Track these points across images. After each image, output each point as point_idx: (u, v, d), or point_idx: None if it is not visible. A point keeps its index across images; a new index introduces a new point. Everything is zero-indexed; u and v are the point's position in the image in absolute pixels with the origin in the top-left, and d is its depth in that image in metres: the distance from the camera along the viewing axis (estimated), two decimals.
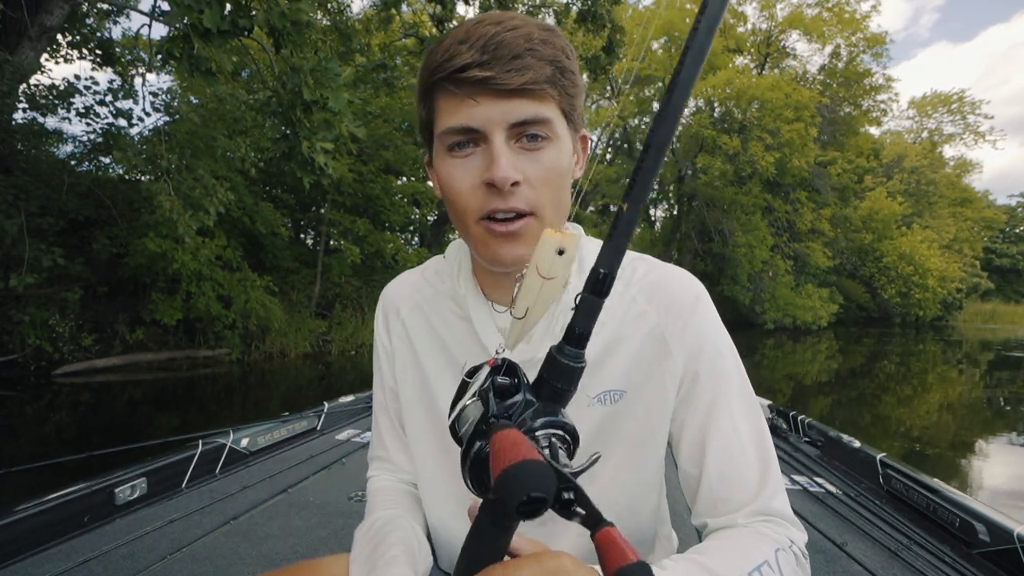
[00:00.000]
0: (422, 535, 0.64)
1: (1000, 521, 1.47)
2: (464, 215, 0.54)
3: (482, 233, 0.54)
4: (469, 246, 0.59)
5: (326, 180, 5.17)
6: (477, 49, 0.49)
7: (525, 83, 0.49)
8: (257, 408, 5.70)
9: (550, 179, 0.53)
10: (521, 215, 0.53)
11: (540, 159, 0.53)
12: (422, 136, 0.60)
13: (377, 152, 10.51)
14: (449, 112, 0.52)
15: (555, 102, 0.53)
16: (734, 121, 19.38)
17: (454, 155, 0.53)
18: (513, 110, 0.50)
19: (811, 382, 8.85)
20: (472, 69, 0.49)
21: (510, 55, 0.49)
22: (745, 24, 22.52)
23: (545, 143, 0.53)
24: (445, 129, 0.53)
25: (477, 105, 0.50)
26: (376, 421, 0.76)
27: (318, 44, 7.14)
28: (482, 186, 0.52)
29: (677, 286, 0.62)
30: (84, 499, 1.54)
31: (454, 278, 0.66)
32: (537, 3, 10.73)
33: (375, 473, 0.77)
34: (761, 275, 19.52)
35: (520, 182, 0.52)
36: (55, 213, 6.65)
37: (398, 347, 0.71)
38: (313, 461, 2.21)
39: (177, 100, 8.89)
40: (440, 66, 0.51)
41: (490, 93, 0.50)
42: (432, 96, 0.54)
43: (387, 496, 0.71)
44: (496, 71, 0.48)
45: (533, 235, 0.54)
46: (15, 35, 6.00)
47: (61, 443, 4.21)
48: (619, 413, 0.62)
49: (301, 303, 9.74)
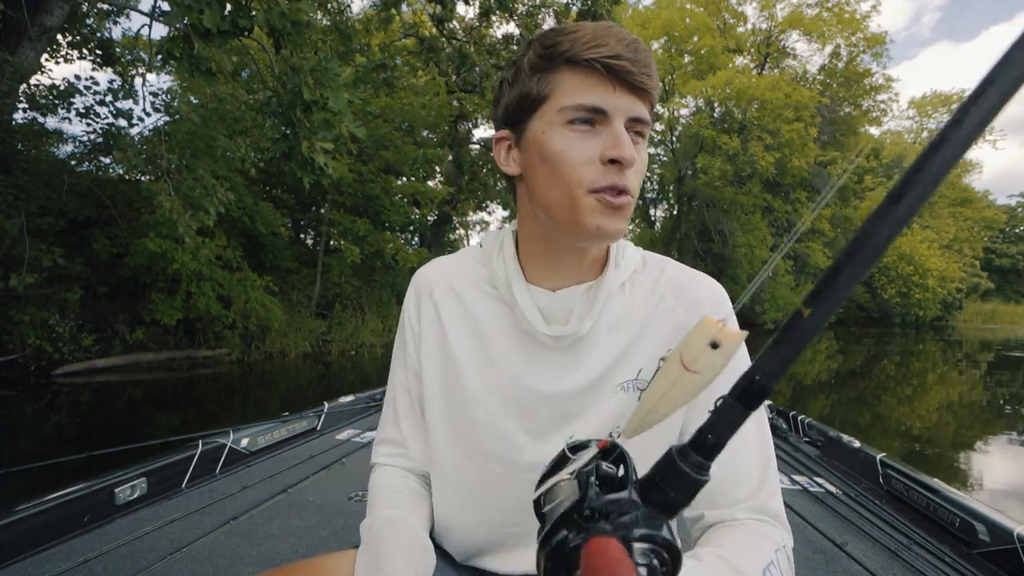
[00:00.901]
0: (426, 537, 0.64)
1: (1000, 521, 1.47)
2: (574, 185, 0.57)
3: (594, 204, 0.57)
4: (565, 218, 0.59)
5: (326, 180, 5.17)
6: (624, 45, 0.55)
7: (651, 87, 0.57)
8: (257, 408, 5.70)
9: (643, 170, 0.60)
10: (626, 193, 0.58)
11: (640, 151, 0.59)
12: (515, 110, 0.62)
13: (377, 152, 10.51)
14: (580, 90, 0.56)
15: (651, 113, 0.61)
16: (734, 121, 19.37)
17: (574, 128, 0.57)
18: (637, 106, 0.57)
19: (811, 382, 8.85)
20: (623, 60, 0.55)
21: (645, 61, 0.56)
22: (745, 24, 22.54)
23: (643, 140, 0.60)
24: (572, 104, 0.57)
25: (613, 92, 0.56)
26: (394, 402, 0.76)
27: (318, 44, 7.14)
28: (598, 161, 0.57)
29: (703, 286, 0.68)
30: (84, 499, 1.54)
31: (494, 260, 0.68)
32: (537, 3, 10.73)
33: (383, 461, 0.75)
34: None
35: (632, 165, 0.57)
36: (55, 213, 6.65)
37: (427, 329, 0.71)
38: (313, 461, 2.21)
39: (177, 100, 8.89)
40: (588, 48, 0.55)
41: (627, 86, 0.56)
42: (556, 72, 0.58)
43: (391, 493, 0.70)
44: (638, 69, 0.55)
45: (630, 212, 0.60)
46: (15, 35, 6.00)
47: (61, 443, 4.21)
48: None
49: (301, 303, 9.73)
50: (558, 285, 0.66)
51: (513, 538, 0.70)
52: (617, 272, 0.66)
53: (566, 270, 0.65)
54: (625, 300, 0.67)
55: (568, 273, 0.66)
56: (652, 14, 21.40)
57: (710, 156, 18.86)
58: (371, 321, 10.54)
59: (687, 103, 20.78)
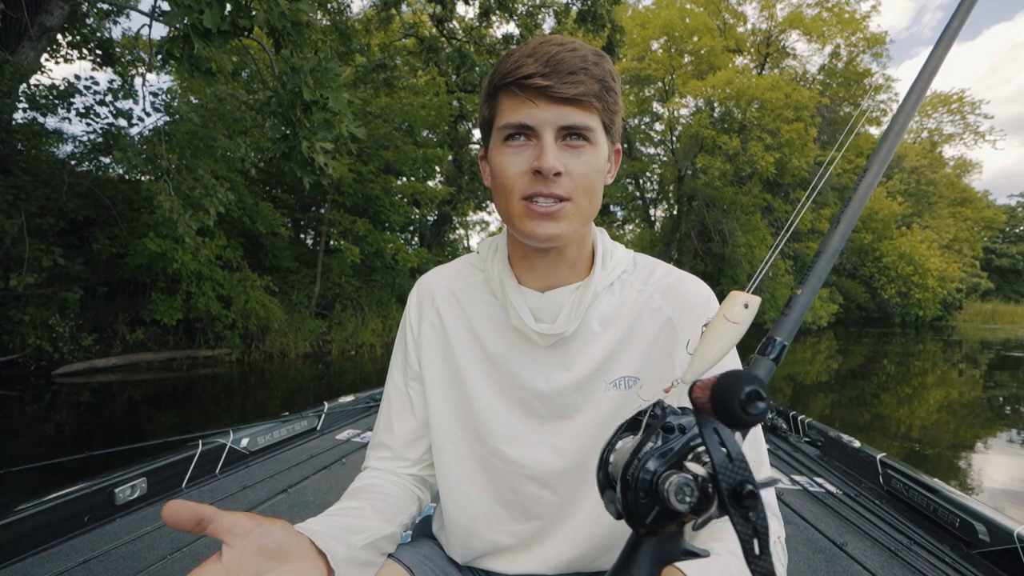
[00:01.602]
0: (372, 525, 0.62)
1: (1000, 521, 1.47)
2: (509, 194, 0.62)
3: (523, 210, 0.62)
4: (509, 224, 0.65)
5: (326, 180, 5.16)
6: (541, 62, 0.58)
7: (576, 95, 0.59)
8: (257, 408, 5.70)
9: (586, 175, 0.62)
10: (561, 199, 0.61)
11: (580, 157, 0.61)
12: (481, 131, 0.69)
13: (377, 152, 10.51)
14: (511, 111, 0.62)
15: (598, 114, 0.62)
16: (734, 121, 19.36)
17: (509, 145, 0.62)
18: (564, 115, 0.60)
19: (811, 382, 8.85)
20: (535, 78, 0.58)
21: (567, 71, 0.58)
22: (745, 24, 22.52)
23: (586, 145, 0.62)
24: (505, 124, 0.62)
25: (535, 107, 0.60)
26: (388, 405, 0.77)
27: (318, 44, 7.14)
28: (529, 172, 0.61)
29: (691, 287, 0.71)
30: (84, 499, 1.54)
31: (489, 265, 0.72)
32: (537, 3, 10.73)
33: (372, 464, 0.76)
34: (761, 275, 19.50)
35: (562, 173, 0.60)
36: (55, 213, 6.64)
37: (427, 333, 0.75)
38: (313, 461, 2.21)
39: (177, 100, 8.88)
40: (509, 73, 0.60)
41: (547, 99, 0.59)
42: (496, 97, 0.64)
43: (363, 491, 0.70)
44: (554, 81, 0.58)
45: (569, 217, 0.62)
46: (15, 35, 6.00)
47: (61, 443, 4.21)
48: (632, 398, 0.68)
49: (301, 303, 9.73)
50: (547, 287, 0.69)
51: (517, 538, 0.71)
52: (604, 273, 0.69)
53: (548, 272, 0.69)
54: (615, 300, 0.70)
55: (554, 275, 0.69)
56: (652, 14, 21.39)
57: (710, 156, 18.86)
58: (371, 321, 10.54)
59: (687, 103, 20.76)
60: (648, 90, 22.18)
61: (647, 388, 0.68)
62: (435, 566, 0.72)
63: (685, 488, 0.35)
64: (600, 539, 0.69)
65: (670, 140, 22.18)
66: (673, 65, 20.48)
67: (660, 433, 0.39)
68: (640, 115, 22.97)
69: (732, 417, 0.33)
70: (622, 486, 0.38)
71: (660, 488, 0.36)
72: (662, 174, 23.00)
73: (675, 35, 20.58)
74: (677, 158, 20.99)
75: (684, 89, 19.69)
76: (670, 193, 23.21)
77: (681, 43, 20.62)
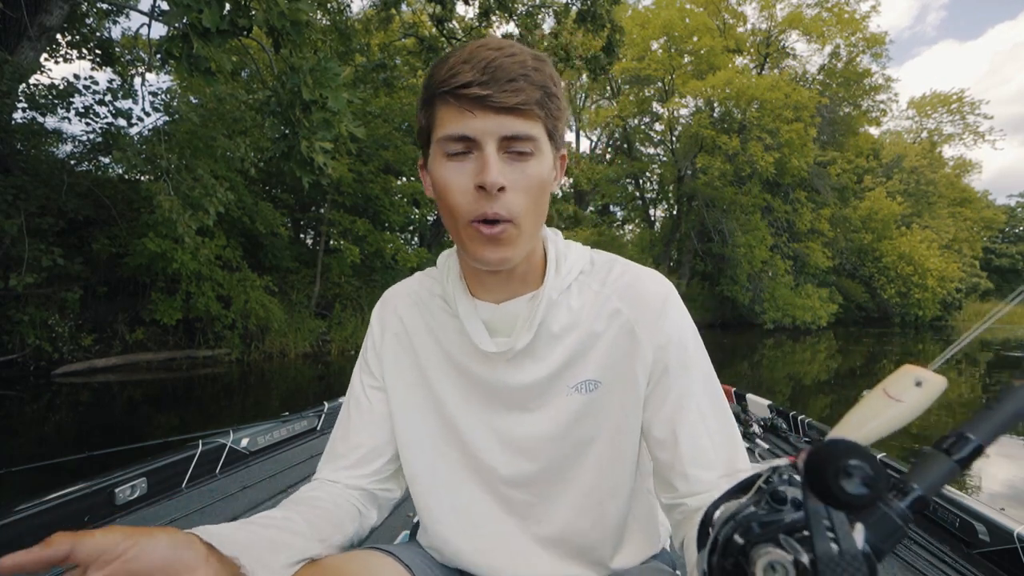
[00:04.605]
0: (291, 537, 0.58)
1: (1000, 521, 1.47)
2: (456, 216, 0.60)
3: (473, 233, 0.59)
4: (460, 246, 0.63)
5: (325, 180, 5.16)
6: (479, 70, 0.55)
7: (517, 103, 0.56)
8: (257, 408, 5.70)
9: (531, 187, 0.59)
10: (501, 221, 0.58)
11: (525, 170, 0.58)
12: (419, 141, 0.65)
13: (377, 152, 10.51)
14: (449, 121, 0.58)
15: (541, 122, 0.59)
16: (733, 121, 19.37)
17: (450, 159, 0.59)
18: (505, 125, 0.56)
19: (811, 382, 8.85)
20: (473, 87, 0.55)
21: (506, 78, 0.55)
22: (745, 24, 22.53)
23: (530, 156, 0.59)
24: (444, 136, 0.58)
25: (474, 118, 0.56)
26: (346, 415, 0.75)
27: (318, 44, 7.14)
28: (473, 189, 0.58)
29: (647, 286, 0.68)
30: (84, 499, 1.53)
31: (444, 280, 0.71)
32: (537, 3, 10.73)
33: (323, 475, 0.73)
34: (761, 275, 19.52)
35: (506, 188, 0.57)
36: (55, 213, 6.64)
37: (389, 342, 0.75)
38: (313, 461, 2.21)
39: (176, 100, 8.89)
40: (444, 81, 0.57)
41: (486, 109, 0.56)
42: (433, 106, 0.60)
43: (297, 503, 0.66)
44: (493, 90, 0.55)
45: (512, 240, 0.60)
46: (15, 35, 6.00)
47: (61, 443, 4.21)
48: (595, 402, 0.67)
49: (301, 303, 9.73)
50: (503, 297, 0.68)
51: (496, 540, 0.71)
52: (558, 279, 0.67)
53: (500, 286, 0.67)
54: (573, 303, 0.68)
55: (506, 288, 0.68)
56: (652, 14, 21.39)
57: (710, 156, 18.86)
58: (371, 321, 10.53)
59: (687, 103, 20.77)
60: (648, 90, 22.19)
61: (608, 394, 0.67)
62: (435, 565, 0.73)
63: (778, 567, 0.31)
64: (584, 536, 0.70)
65: (670, 140, 22.19)
66: (673, 65, 20.48)
67: (768, 501, 0.35)
68: (640, 115, 22.98)
69: (824, 490, 0.29)
70: (711, 546, 0.36)
71: (750, 557, 0.33)
72: (662, 174, 23.01)
73: (675, 35, 20.58)
74: (677, 158, 21.01)
75: (684, 89, 19.70)
76: (670, 193, 23.23)
77: (681, 43, 20.62)
